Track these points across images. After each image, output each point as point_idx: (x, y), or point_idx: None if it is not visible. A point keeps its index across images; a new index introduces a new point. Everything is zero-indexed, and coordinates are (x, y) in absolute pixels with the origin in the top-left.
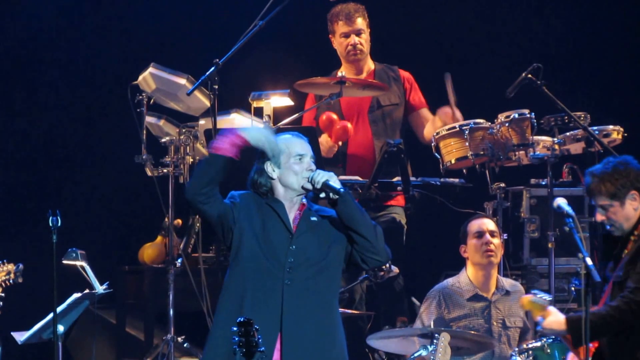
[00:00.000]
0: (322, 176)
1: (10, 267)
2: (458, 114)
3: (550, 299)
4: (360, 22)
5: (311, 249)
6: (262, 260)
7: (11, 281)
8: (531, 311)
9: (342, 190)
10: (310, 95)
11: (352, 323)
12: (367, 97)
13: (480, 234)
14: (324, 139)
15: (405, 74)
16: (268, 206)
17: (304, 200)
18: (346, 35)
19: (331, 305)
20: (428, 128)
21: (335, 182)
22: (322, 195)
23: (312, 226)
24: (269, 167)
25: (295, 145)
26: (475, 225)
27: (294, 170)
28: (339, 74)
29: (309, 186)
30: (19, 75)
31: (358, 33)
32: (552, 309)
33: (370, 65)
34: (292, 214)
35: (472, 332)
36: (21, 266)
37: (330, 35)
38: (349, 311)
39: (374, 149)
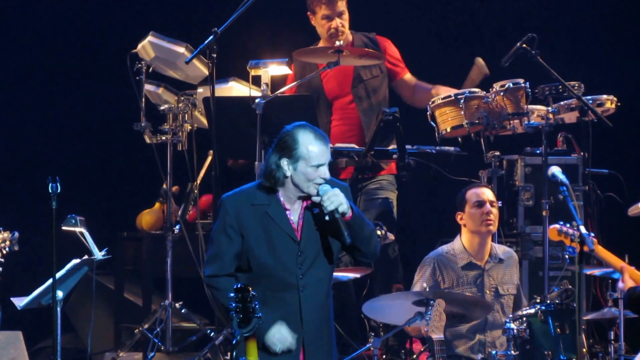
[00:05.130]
0: (331, 203)
1: (6, 235)
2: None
3: (579, 232)
4: (341, 4)
5: (317, 251)
6: (275, 271)
7: (7, 249)
8: (563, 241)
9: (347, 236)
10: (290, 75)
11: (348, 289)
12: (349, 73)
13: (480, 204)
14: None
15: (384, 42)
16: (267, 215)
17: None
18: (328, 18)
19: (330, 295)
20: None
21: (344, 209)
22: (327, 218)
23: (315, 224)
24: (285, 164)
25: (317, 155)
26: (475, 194)
27: (308, 177)
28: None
29: (318, 199)
30: (20, 42)
31: (340, 15)
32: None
33: (348, 36)
34: (296, 208)
35: (468, 293)
36: (17, 234)
37: (309, 13)
38: (344, 275)
39: (360, 125)
